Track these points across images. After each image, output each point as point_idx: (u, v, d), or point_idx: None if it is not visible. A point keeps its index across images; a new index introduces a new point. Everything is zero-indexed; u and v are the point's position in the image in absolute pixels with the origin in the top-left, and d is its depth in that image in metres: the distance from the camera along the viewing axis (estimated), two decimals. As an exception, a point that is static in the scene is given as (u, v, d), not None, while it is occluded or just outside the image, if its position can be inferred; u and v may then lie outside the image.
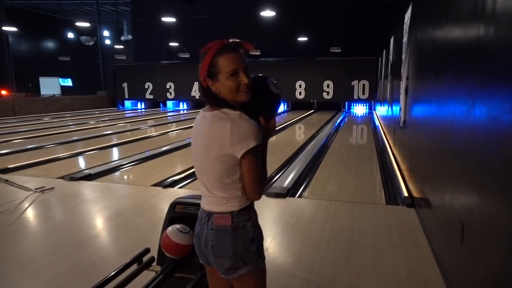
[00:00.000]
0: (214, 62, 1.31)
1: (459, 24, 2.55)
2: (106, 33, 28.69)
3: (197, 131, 1.42)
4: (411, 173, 4.48)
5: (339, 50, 16.35)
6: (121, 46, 21.85)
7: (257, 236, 1.42)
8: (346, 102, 18.51)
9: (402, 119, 5.34)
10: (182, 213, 2.16)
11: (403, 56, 5.63)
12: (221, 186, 1.38)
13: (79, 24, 21.41)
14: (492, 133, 1.78)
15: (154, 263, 2.13)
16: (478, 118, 1.97)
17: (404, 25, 5.81)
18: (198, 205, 2.18)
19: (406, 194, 4.30)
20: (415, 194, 3.98)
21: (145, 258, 2.14)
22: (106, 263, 2.74)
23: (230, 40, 1.36)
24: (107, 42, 28.74)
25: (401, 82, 5.57)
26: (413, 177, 4.27)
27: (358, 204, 4.13)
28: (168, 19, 15.31)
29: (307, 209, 4.10)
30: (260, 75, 1.47)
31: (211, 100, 1.38)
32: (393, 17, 8.84)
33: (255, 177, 1.37)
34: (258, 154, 1.35)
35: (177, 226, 2.00)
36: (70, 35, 26.89)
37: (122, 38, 26.31)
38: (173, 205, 2.19)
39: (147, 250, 2.18)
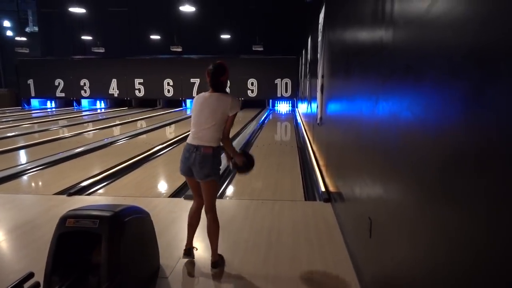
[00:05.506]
0: (228, 74, 2.66)
1: (364, 24, 2.62)
2: (6, 23, 25.54)
3: (206, 102, 2.57)
4: (327, 168, 4.62)
5: (261, 49, 16.56)
6: (25, 39, 19.56)
7: (220, 162, 2.61)
8: (270, 100, 18.91)
9: (319, 116, 5.50)
10: (74, 228, 1.88)
11: (319, 55, 5.80)
12: (215, 130, 2.53)
13: (-29, 11, 18.68)
14: (392, 129, 1.82)
15: (40, 289, 1.82)
16: (381, 114, 2.02)
17: (319, 25, 5.99)
18: (95, 217, 1.93)
19: (323, 189, 4.41)
20: (331, 188, 4.10)
21: (28, 284, 1.82)
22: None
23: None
24: (9, 33, 25.59)
25: (318, 80, 5.74)
26: (329, 172, 4.40)
27: (278, 201, 4.12)
28: (79, 10, 14.03)
29: (227, 209, 3.98)
30: (250, 153, 2.83)
31: (222, 89, 2.63)
32: (310, 17, 9.15)
33: (231, 127, 2.61)
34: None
35: None
36: (-39, 24, 23.41)
37: (27, 29, 23.64)
38: (63, 219, 1.90)
39: (31, 275, 1.85)
